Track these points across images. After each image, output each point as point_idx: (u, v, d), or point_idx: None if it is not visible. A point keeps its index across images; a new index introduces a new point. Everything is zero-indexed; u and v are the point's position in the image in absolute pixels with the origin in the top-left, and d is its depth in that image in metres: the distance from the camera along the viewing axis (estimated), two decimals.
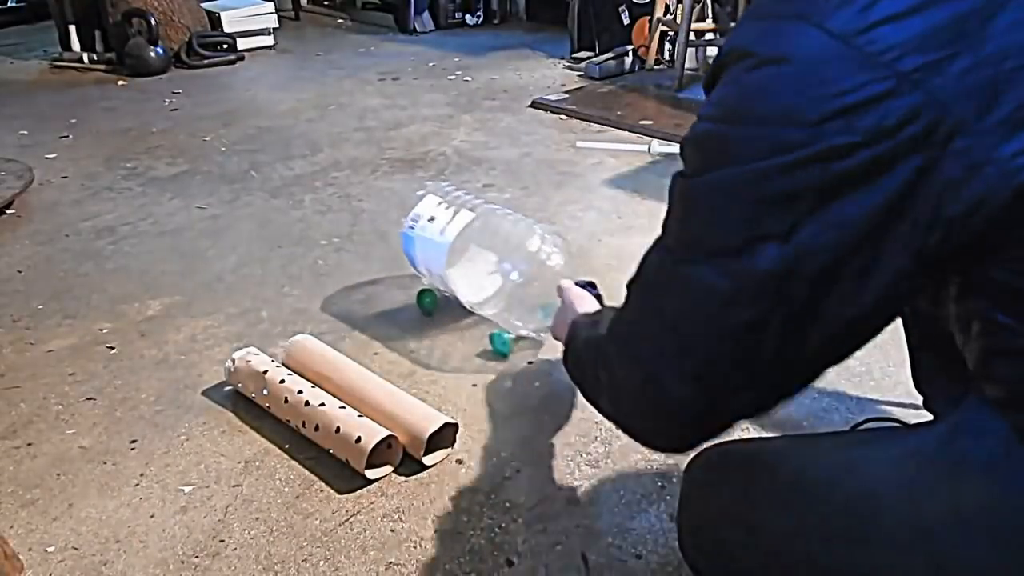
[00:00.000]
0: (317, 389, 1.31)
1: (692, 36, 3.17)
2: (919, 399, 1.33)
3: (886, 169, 0.53)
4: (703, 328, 0.60)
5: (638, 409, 0.68)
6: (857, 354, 0.62)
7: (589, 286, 1.32)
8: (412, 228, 1.56)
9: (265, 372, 1.34)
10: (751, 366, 0.60)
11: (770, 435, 1.23)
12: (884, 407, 1.33)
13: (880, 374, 1.40)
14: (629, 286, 0.70)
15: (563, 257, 1.45)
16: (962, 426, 0.65)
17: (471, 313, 1.56)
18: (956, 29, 0.52)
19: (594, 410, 1.33)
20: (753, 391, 0.62)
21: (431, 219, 1.53)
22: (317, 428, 1.23)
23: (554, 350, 1.50)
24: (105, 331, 1.64)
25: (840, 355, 0.62)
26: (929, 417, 0.91)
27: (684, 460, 1.16)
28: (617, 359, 0.70)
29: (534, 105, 3.14)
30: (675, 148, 1.73)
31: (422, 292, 1.66)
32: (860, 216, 0.54)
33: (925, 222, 0.54)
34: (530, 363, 1.48)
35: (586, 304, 1.12)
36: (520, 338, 1.51)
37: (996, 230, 0.54)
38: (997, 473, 0.61)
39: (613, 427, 1.30)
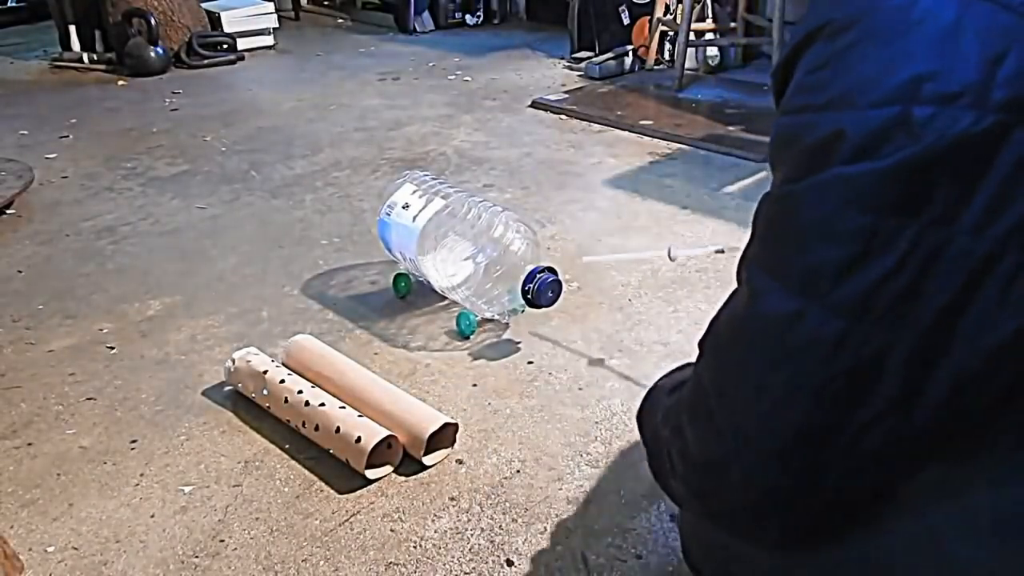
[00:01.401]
0: (317, 389, 1.31)
1: (692, 36, 3.17)
2: None
3: (1002, 140, 0.44)
4: (792, 381, 0.48)
5: (721, 487, 0.55)
6: None
7: (549, 271, 1.42)
8: (388, 215, 1.63)
9: (265, 372, 1.34)
10: (856, 417, 0.47)
11: None
12: None
13: None
14: (701, 344, 0.58)
15: (526, 244, 1.51)
16: None
17: (444, 297, 1.61)
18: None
19: (594, 410, 1.34)
20: (856, 455, 0.48)
21: (405, 206, 1.60)
22: (317, 428, 1.23)
23: (517, 332, 1.56)
24: (105, 331, 1.64)
25: (967, 415, 0.48)
26: None
27: None
28: (688, 430, 0.58)
29: (534, 105, 3.14)
30: (695, 251, 1.69)
31: (397, 276, 1.72)
32: (1006, 223, 0.45)
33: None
34: (530, 363, 1.48)
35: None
36: (486, 320, 1.56)
37: None
38: (1003, 473, 0.60)
39: (613, 427, 1.31)
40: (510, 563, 1.05)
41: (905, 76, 0.45)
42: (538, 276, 1.45)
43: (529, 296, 1.46)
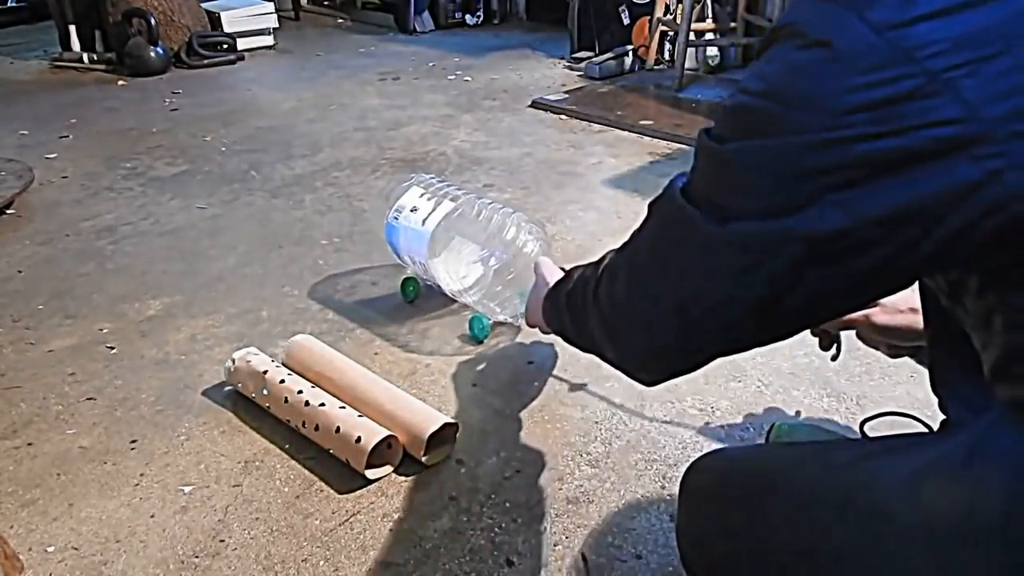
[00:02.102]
0: (317, 389, 1.31)
1: (692, 36, 3.17)
2: (919, 400, 1.33)
3: (903, 165, 0.52)
4: (700, 265, 0.63)
5: (625, 329, 0.72)
6: (857, 354, 0.62)
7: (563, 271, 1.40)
8: (396, 219, 1.60)
9: (265, 372, 1.34)
10: (731, 310, 0.63)
11: (774, 444, 1.23)
12: (882, 407, 1.32)
13: (880, 374, 1.40)
14: (651, 207, 0.71)
15: (539, 244, 1.50)
16: (985, 443, 0.63)
17: (453, 300, 1.60)
18: (998, 31, 0.50)
19: (594, 410, 1.34)
20: (727, 333, 0.65)
21: (414, 209, 1.58)
22: (317, 428, 1.23)
23: (530, 335, 1.53)
24: (105, 331, 1.64)
25: (816, 320, 0.65)
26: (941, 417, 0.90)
27: (685, 461, 1.16)
28: (620, 278, 0.73)
29: (534, 105, 3.14)
30: None
31: (405, 280, 1.70)
32: (870, 208, 0.54)
33: (937, 222, 0.53)
34: (530, 363, 1.48)
35: (559, 275, 1.12)
36: (498, 323, 1.55)
37: (1016, 233, 0.53)
38: (1017, 491, 0.60)
39: (613, 427, 1.31)
40: (510, 563, 1.05)
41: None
42: None
43: None
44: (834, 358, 1.12)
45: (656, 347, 0.70)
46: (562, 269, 1.31)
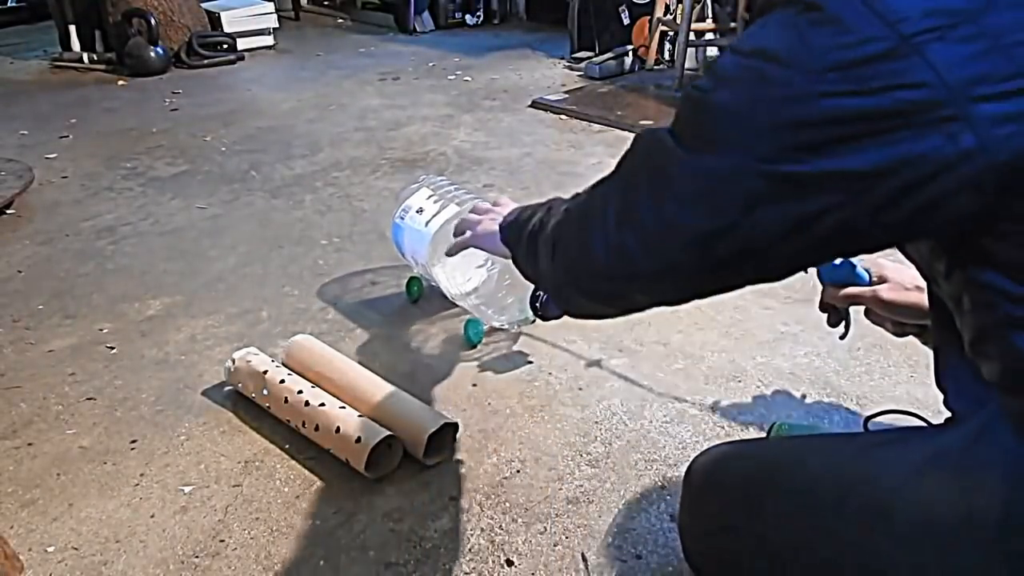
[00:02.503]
0: (317, 389, 1.31)
1: (692, 36, 3.17)
2: (919, 400, 1.33)
3: (873, 125, 0.54)
4: (661, 193, 0.64)
5: (570, 251, 0.75)
6: (857, 354, 0.62)
7: None
8: (402, 219, 1.61)
9: (265, 372, 1.34)
10: (680, 237, 0.63)
11: (776, 438, 1.23)
12: (883, 407, 1.32)
13: (880, 374, 1.40)
14: (634, 141, 0.73)
15: None
16: (986, 432, 0.64)
17: (455, 303, 1.59)
18: (964, 1, 0.52)
19: (594, 410, 1.34)
20: (660, 280, 0.67)
21: (419, 210, 1.58)
22: (317, 428, 1.23)
23: (525, 345, 1.52)
24: (105, 331, 1.64)
25: (755, 266, 0.65)
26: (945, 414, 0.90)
27: (685, 461, 1.16)
28: (581, 213, 0.75)
29: (534, 105, 3.14)
30: None
31: (411, 280, 1.71)
32: (834, 163, 0.56)
33: (902, 183, 0.55)
34: (530, 363, 1.48)
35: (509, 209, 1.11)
36: (493, 329, 1.55)
37: (975, 198, 0.54)
38: (1016, 483, 0.61)
39: (613, 427, 1.31)
40: (510, 563, 1.05)
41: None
42: None
43: (537, 305, 1.40)
44: (843, 336, 1.10)
45: (610, 267, 0.70)
46: None
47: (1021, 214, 0.55)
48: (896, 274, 0.98)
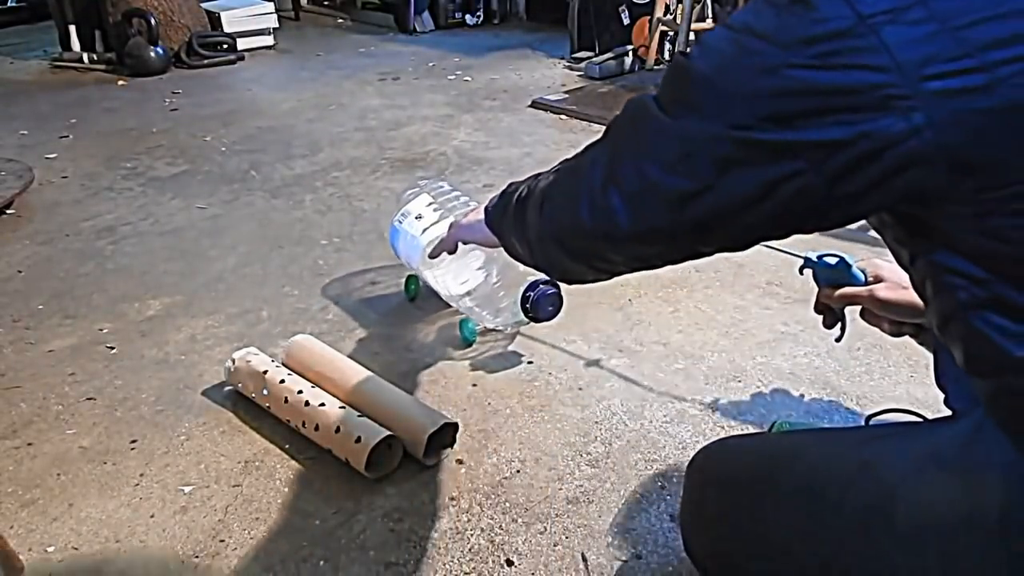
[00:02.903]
0: (317, 389, 1.31)
1: (692, 36, 3.16)
2: (919, 400, 1.33)
3: (831, 102, 0.57)
4: (643, 154, 0.67)
5: (557, 209, 0.76)
6: (857, 354, 0.62)
7: (550, 284, 1.42)
8: (400, 222, 1.62)
9: (265, 372, 1.34)
10: (657, 196, 0.66)
11: (778, 432, 1.23)
12: (883, 407, 1.32)
13: (880, 374, 1.40)
14: (624, 107, 0.75)
15: None
16: (985, 429, 0.65)
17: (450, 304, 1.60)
18: None
19: (594, 410, 1.34)
20: (640, 241, 0.70)
21: (418, 217, 1.59)
22: (317, 428, 1.23)
23: (525, 345, 1.53)
24: (105, 331, 1.64)
25: (726, 232, 0.67)
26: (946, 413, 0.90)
27: (685, 461, 1.16)
28: (567, 177, 0.77)
29: (534, 105, 3.14)
30: None
31: (409, 278, 1.72)
32: (804, 134, 0.58)
33: (858, 153, 0.57)
34: (530, 363, 1.48)
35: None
36: (488, 330, 1.55)
37: (926, 175, 0.56)
38: (1015, 478, 0.61)
39: (613, 427, 1.31)
40: (510, 563, 1.05)
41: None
42: (540, 287, 1.41)
43: (528, 306, 1.42)
44: (838, 338, 1.10)
45: (602, 229, 0.72)
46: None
47: (971, 194, 0.56)
48: (892, 274, 0.98)
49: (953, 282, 0.60)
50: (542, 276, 1.42)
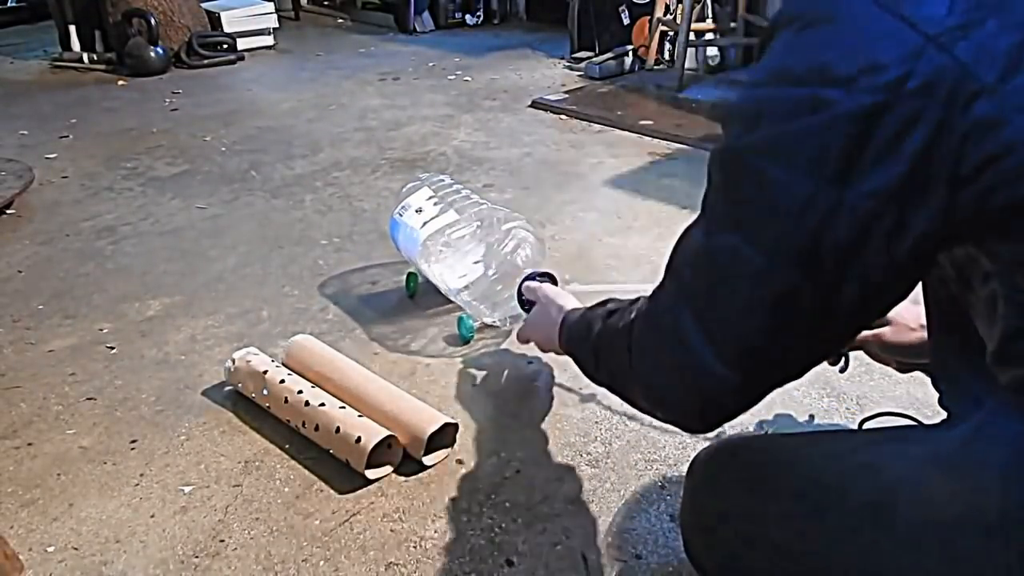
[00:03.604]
0: (317, 389, 1.31)
1: (692, 36, 3.16)
2: (918, 400, 1.33)
3: (910, 130, 0.53)
4: (739, 302, 0.61)
5: (674, 390, 0.69)
6: (857, 354, 0.62)
7: (546, 276, 1.39)
8: (400, 215, 1.64)
9: (265, 372, 1.34)
10: (788, 336, 0.61)
11: (776, 434, 1.23)
12: (883, 407, 1.32)
13: (880, 374, 1.39)
14: (667, 268, 0.71)
15: (530, 249, 1.51)
16: (984, 430, 0.65)
17: (450, 300, 1.61)
18: None
19: (594, 410, 1.34)
20: (790, 360, 0.64)
21: (419, 210, 1.61)
22: (317, 428, 1.23)
23: (529, 345, 1.52)
24: (105, 331, 1.64)
25: (869, 318, 0.63)
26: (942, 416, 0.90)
27: (685, 461, 1.16)
28: (650, 340, 0.71)
29: (534, 105, 3.14)
30: None
31: (409, 275, 1.73)
32: (884, 184, 0.55)
33: (946, 183, 0.54)
34: (530, 363, 1.48)
35: (567, 299, 1.15)
36: (485, 326, 1.56)
37: (1017, 195, 0.54)
38: (1015, 479, 0.61)
39: (613, 427, 1.31)
40: (510, 563, 1.05)
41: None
42: (536, 279, 1.41)
43: (523, 298, 1.42)
44: (842, 370, 1.14)
45: (717, 405, 0.68)
46: (546, 276, 1.35)
47: None
48: (897, 314, 1.00)
49: None
50: (538, 269, 1.45)
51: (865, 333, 1.00)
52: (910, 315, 1.00)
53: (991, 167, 0.53)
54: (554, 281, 1.44)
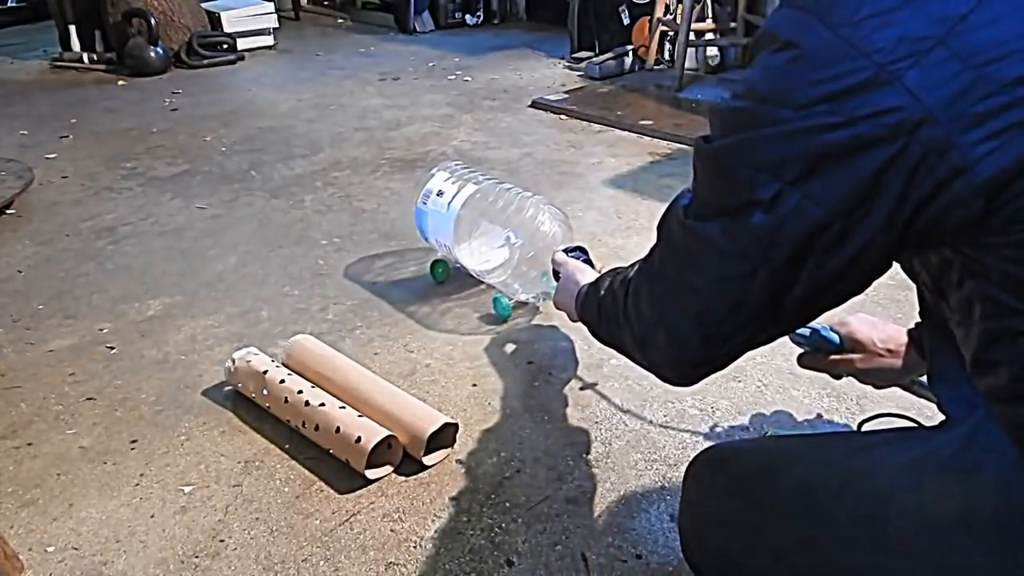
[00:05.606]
0: (317, 389, 1.31)
1: (692, 36, 3.17)
2: (918, 401, 1.33)
3: (863, 150, 0.57)
4: (707, 276, 0.68)
5: (654, 342, 0.76)
6: None
7: (579, 251, 1.40)
8: (424, 204, 1.67)
9: (265, 372, 1.34)
10: (742, 312, 0.67)
11: (774, 436, 1.24)
12: (883, 407, 1.32)
13: None
14: (659, 227, 0.77)
15: (557, 224, 1.55)
16: (979, 434, 0.65)
17: (479, 282, 1.64)
18: (936, 24, 0.54)
19: (594, 410, 1.34)
20: (744, 332, 0.69)
21: (440, 193, 1.64)
22: (317, 428, 1.23)
23: (552, 315, 1.57)
24: (105, 331, 1.64)
25: (820, 309, 0.68)
26: (940, 418, 0.90)
27: (685, 461, 1.16)
28: (643, 296, 0.78)
29: (534, 105, 3.14)
30: None
31: (435, 262, 1.76)
32: (837, 193, 0.59)
33: (896, 202, 0.58)
34: (530, 363, 1.48)
35: (587, 274, 1.19)
36: (520, 303, 1.60)
37: (969, 214, 0.56)
38: (1009, 483, 0.61)
39: (613, 427, 1.31)
40: (510, 563, 1.05)
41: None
42: (569, 256, 1.38)
43: (555, 271, 1.41)
44: (838, 376, 1.15)
45: (684, 358, 0.73)
46: (580, 250, 1.38)
47: (1005, 225, 0.56)
48: (862, 332, 1.07)
49: (1002, 308, 0.59)
50: (571, 244, 1.45)
51: (834, 358, 1.09)
52: (875, 332, 1.07)
53: (943, 190, 0.56)
54: (586, 254, 1.41)
